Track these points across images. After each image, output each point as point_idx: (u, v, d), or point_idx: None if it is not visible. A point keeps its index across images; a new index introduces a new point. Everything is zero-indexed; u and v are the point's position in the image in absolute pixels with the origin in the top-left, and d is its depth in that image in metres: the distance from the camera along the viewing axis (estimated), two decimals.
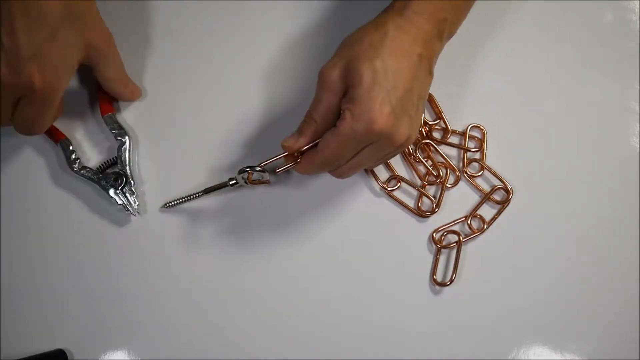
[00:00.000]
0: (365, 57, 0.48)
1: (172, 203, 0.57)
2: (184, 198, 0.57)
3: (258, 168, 0.54)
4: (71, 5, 0.48)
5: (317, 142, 0.50)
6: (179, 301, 0.57)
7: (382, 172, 0.60)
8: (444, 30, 0.51)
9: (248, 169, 0.54)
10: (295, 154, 0.52)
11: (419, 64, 0.49)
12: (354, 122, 0.47)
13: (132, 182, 0.57)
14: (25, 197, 0.58)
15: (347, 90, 0.48)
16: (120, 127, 0.58)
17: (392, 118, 0.47)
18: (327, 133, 0.49)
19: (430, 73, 0.52)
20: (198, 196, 0.57)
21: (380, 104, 0.47)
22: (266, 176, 0.56)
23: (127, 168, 0.57)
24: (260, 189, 0.58)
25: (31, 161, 0.59)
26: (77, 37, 0.50)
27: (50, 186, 0.58)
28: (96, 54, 0.53)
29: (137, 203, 0.57)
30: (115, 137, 0.58)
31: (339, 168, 0.52)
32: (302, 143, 0.50)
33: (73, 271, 0.57)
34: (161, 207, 0.58)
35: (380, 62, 0.47)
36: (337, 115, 0.49)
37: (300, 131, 0.51)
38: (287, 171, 0.53)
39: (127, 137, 0.58)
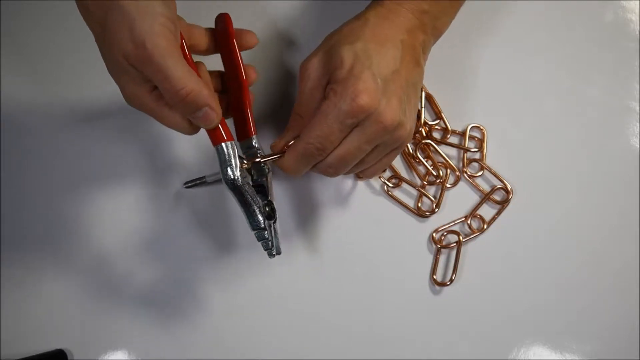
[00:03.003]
0: (345, 42, 0.46)
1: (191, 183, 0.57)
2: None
3: (245, 162, 0.50)
4: None
5: None
6: (179, 302, 0.57)
7: None
8: (427, 23, 0.50)
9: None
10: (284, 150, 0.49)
11: (403, 49, 0.48)
12: (337, 100, 0.45)
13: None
14: (26, 194, 0.58)
15: (330, 77, 0.47)
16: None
17: (378, 94, 0.45)
18: (312, 117, 0.46)
19: (417, 64, 0.49)
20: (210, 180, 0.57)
21: (363, 80, 0.45)
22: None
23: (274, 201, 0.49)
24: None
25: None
26: None
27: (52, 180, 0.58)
28: None
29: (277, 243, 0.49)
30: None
31: (327, 158, 0.47)
32: (288, 137, 0.49)
33: (73, 271, 0.57)
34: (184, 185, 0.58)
35: (361, 45, 0.46)
36: None
37: (286, 129, 0.49)
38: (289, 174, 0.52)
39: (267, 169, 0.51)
